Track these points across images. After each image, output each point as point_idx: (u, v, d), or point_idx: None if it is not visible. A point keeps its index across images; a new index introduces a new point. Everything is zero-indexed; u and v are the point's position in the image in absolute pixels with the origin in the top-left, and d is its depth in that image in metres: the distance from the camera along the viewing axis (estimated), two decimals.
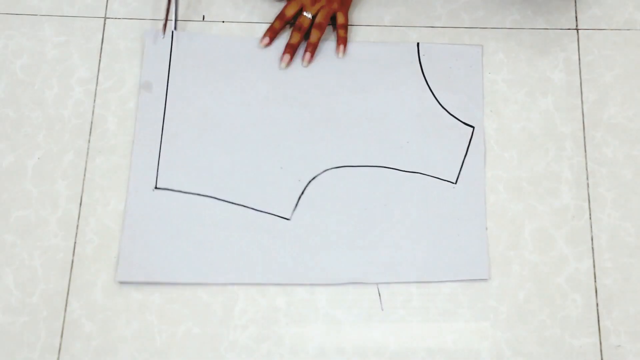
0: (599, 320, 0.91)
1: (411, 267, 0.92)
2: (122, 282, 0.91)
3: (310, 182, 0.96)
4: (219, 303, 0.91)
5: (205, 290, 0.91)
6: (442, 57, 1.02)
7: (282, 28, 1.04)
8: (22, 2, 1.05)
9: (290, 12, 1.03)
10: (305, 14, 1.03)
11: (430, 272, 0.92)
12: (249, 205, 0.95)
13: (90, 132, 0.98)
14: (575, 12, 1.06)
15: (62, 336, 0.89)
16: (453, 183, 0.96)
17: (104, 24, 1.04)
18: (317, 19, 1.02)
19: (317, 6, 1.02)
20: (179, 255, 0.92)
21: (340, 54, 1.02)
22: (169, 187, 0.95)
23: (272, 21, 1.03)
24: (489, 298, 0.91)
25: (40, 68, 1.01)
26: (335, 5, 1.02)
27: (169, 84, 1.00)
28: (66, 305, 0.90)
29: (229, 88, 1.00)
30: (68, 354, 0.88)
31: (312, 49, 1.02)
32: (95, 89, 1.00)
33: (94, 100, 1.00)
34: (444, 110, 1.00)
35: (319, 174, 0.96)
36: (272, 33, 1.03)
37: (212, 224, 0.94)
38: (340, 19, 1.03)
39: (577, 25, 1.05)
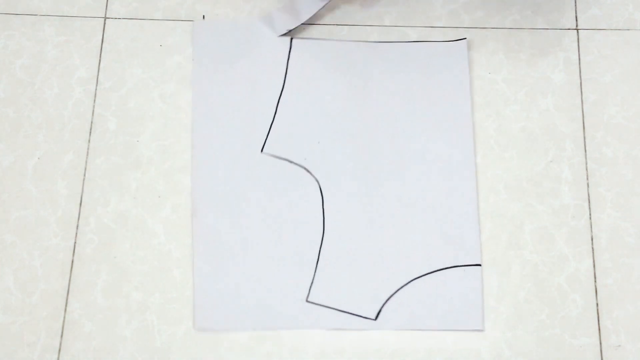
0: (599, 320, 0.91)
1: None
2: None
3: None
4: None
5: None
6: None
7: None
8: (22, 2, 1.05)
9: None
10: None
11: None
12: None
13: (90, 132, 0.98)
14: (575, 12, 1.06)
15: (62, 336, 0.89)
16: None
17: (104, 24, 1.04)
18: None
19: None
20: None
21: None
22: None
23: None
24: (489, 298, 0.91)
25: (40, 68, 1.01)
26: None
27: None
28: (66, 305, 0.90)
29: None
30: (68, 354, 0.88)
31: None
32: (95, 89, 1.00)
33: (94, 100, 1.00)
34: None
35: None
36: None
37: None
38: None
39: (577, 25, 1.05)
